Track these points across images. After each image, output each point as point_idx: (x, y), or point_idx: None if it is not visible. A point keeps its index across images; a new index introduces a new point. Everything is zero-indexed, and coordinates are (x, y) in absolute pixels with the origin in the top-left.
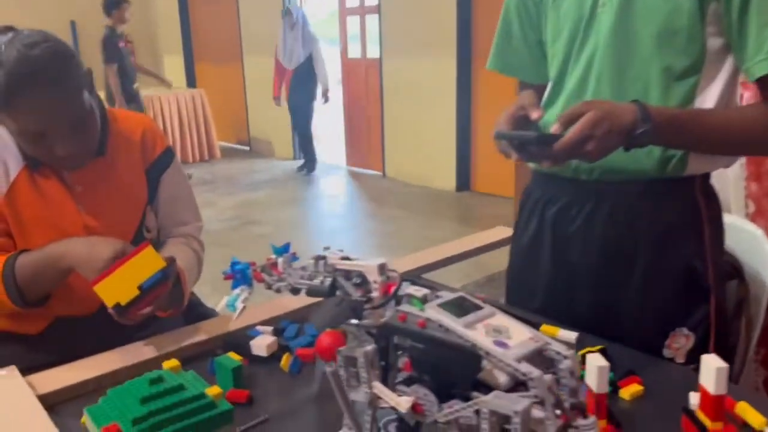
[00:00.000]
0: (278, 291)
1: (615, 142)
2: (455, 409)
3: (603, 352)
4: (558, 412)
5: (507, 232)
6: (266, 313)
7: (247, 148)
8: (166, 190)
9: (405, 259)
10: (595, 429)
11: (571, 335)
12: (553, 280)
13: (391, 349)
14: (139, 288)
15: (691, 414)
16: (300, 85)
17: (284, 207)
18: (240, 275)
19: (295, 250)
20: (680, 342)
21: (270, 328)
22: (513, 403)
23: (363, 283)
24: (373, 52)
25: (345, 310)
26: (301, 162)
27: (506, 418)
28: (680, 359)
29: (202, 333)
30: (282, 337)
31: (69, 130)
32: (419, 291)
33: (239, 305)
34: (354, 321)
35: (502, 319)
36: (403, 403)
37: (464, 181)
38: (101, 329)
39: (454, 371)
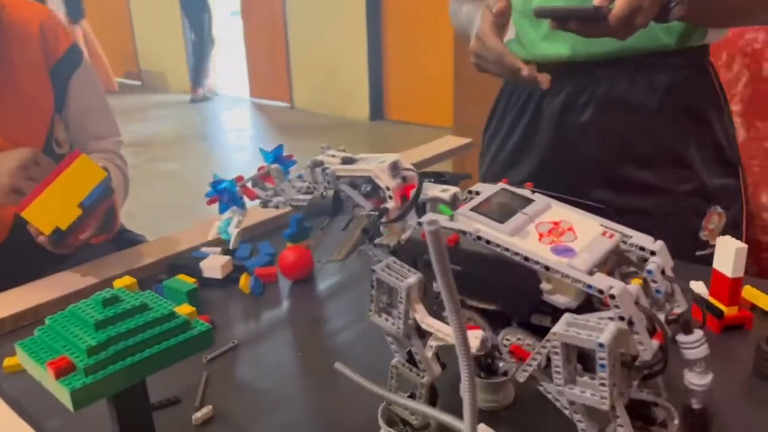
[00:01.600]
0: (277, 208)
1: (653, 15)
2: (517, 345)
3: None
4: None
5: (456, 141)
6: (212, 233)
7: (138, 82)
8: (77, 96)
9: None
10: (704, 345)
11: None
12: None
13: (421, 270)
14: (80, 206)
15: (702, 300)
16: None
17: (188, 142)
18: (226, 195)
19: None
20: (714, 221)
21: (218, 249)
22: (593, 332)
23: (374, 191)
24: None
25: (356, 236)
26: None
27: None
28: (713, 241)
29: (140, 257)
30: (235, 258)
31: None
32: (446, 191)
33: (233, 231)
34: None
35: (560, 212)
36: (474, 342)
37: (378, 109)
38: (10, 265)
39: (505, 297)
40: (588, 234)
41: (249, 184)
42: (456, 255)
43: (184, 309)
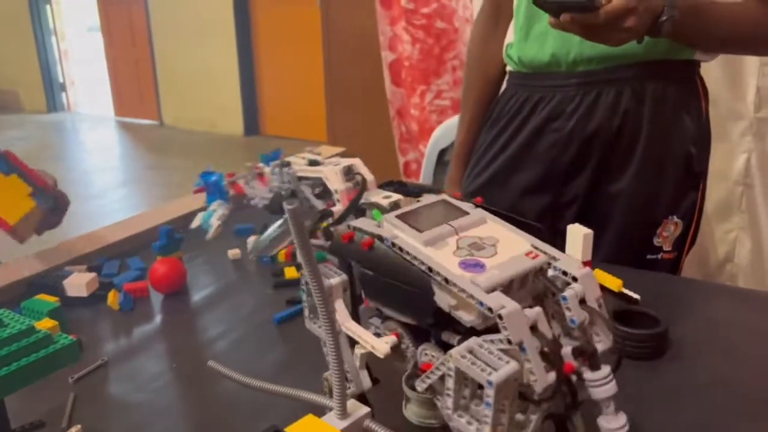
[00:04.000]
0: (257, 206)
1: (645, 25)
2: (428, 363)
3: None
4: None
5: (330, 150)
6: (76, 250)
7: None
8: None
9: None
10: (612, 383)
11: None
12: (535, 185)
13: (355, 274)
14: None
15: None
16: None
17: (45, 164)
18: (213, 188)
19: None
20: (670, 230)
21: (83, 267)
22: (488, 367)
23: (325, 192)
24: None
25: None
26: (59, 114)
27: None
28: (667, 247)
29: None
30: (101, 275)
31: None
32: (388, 198)
33: (215, 222)
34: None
35: (491, 228)
36: (380, 347)
37: (252, 124)
38: None
39: (407, 305)
40: (510, 252)
41: (241, 181)
42: (369, 259)
43: (45, 323)
